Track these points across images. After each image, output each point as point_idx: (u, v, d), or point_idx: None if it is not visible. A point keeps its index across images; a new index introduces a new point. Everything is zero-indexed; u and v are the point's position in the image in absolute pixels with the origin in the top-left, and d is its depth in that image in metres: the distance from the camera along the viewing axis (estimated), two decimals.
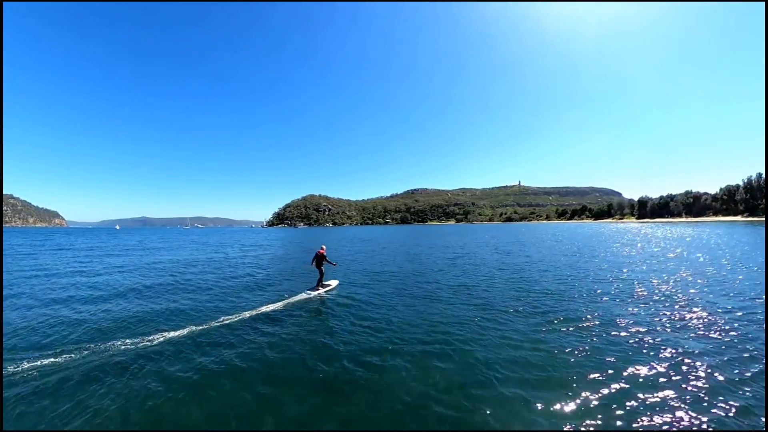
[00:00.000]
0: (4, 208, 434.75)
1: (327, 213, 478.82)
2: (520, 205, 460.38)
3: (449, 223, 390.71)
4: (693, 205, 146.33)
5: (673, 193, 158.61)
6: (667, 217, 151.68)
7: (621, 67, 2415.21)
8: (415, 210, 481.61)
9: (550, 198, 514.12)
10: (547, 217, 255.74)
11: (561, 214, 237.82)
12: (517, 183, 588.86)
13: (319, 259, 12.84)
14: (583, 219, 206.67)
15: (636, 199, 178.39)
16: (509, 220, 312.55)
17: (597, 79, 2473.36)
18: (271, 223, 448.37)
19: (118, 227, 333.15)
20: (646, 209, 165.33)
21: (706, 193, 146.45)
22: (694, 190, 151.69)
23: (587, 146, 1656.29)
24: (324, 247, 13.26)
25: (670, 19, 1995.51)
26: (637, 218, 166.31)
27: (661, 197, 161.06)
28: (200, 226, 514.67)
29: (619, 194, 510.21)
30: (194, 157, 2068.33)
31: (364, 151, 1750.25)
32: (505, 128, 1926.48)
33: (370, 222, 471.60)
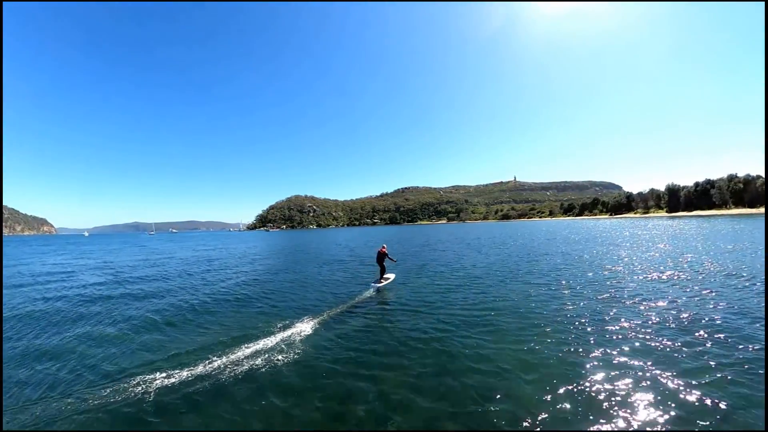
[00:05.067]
0: None
1: (311, 214, 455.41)
2: (517, 201, 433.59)
3: (440, 222, 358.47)
4: (743, 193, 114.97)
5: (712, 178, 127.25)
6: (709, 209, 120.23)
7: (617, 58, 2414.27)
8: (405, 209, 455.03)
9: (548, 194, 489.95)
10: (551, 214, 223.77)
11: (568, 210, 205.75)
12: (512, 179, 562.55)
13: (381, 256, 14.37)
14: (595, 214, 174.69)
15: (661, 189, 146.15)
16: (506, 217, 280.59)
17: (593, 70, 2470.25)
18: (253, 226, 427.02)
19: (86, 234, 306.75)
20: (678, 200, 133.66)
21: (758, 176, 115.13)
22: (740, 174, 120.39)
23: (584, 140, 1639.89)
24: (385, 246, 14.80)
25: (672, 12, 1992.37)
26: (667, 211, 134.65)
27: (698, 184, 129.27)
28: (174, 230, 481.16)
29: (619, 187, 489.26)
30: (187, 160, 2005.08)
31: (356, 150, 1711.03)
32: (499, 123, 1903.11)
33: (358, 223, 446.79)
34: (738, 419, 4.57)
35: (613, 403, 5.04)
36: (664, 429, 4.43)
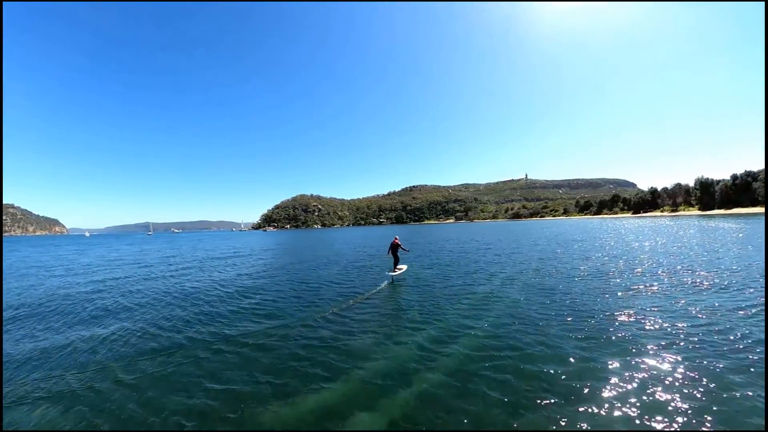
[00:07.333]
0: (3, 217, 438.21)
1: (316, 214, 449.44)
2: (528, 199, 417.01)
3: (448, 221, 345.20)
4: None
5: (753, 170, 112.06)
6: (752, 206, 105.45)
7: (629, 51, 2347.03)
8: (412, 208, 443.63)
9: (560, 191, 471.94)
10: (566, 212, 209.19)
11: (584, 208, 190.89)
12: (523, 176, 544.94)
13: (394, 247, 14.90)
14: (616, 212, 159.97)
15: (690, 184, 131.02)
16: (517, 216, 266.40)
17: (602, 66, 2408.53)
18: (257, 226, 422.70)
19: (87, 234, 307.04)
20: (712, 196, 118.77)
21: None
22: None
23: (597, 136, 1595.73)
24: (397, 237, 15.34)
25: (680, 13, 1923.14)
26: (700, 209, 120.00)
27: (736, 176, 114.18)
28: (176, 230, 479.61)
29: (634, 185, 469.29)
30: (198, 161, 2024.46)
31: (362, 149, 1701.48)
32: (509, 120, 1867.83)
33: (363, 222, 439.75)
34: (738, 419, 4.51)
35: (614, 403, 4.98)
36: (664, 429, 4.41)
